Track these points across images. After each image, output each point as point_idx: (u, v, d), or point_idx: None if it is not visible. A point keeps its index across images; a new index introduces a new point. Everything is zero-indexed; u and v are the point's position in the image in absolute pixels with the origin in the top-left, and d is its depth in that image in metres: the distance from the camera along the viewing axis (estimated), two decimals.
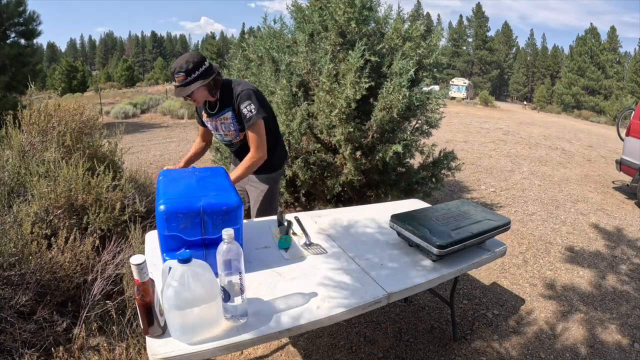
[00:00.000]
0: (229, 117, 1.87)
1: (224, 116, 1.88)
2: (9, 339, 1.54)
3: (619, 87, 34.10)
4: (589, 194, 5.10)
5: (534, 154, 7.60)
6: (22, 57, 8.11)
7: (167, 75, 52.49)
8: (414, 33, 3.15)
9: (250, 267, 1.42)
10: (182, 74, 1.67)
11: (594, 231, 3.80)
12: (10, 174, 2.27)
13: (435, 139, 4.29)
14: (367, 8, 3.05)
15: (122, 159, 2.89)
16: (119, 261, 1.93)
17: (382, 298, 1.32)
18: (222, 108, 1.87)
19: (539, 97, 39.80)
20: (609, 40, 38.64)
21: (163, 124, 10.94)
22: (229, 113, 1.86)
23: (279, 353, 1.95)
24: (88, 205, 2.11)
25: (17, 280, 1.66)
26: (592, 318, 2.37)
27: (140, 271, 0.97)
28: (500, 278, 2.81)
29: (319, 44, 3.08)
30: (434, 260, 1.56)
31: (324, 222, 1.89)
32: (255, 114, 1.80)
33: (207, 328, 1.06)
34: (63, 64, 27.34)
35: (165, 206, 1.24)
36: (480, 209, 1.87)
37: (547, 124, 14.69)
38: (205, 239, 1.32)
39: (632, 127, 4.87)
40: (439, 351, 2.00)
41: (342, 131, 2.85)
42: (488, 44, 50.73)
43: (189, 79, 1.68)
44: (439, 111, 3.36)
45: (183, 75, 1.67)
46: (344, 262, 1.52)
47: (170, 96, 16.17)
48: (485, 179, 5.47)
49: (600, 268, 3.04)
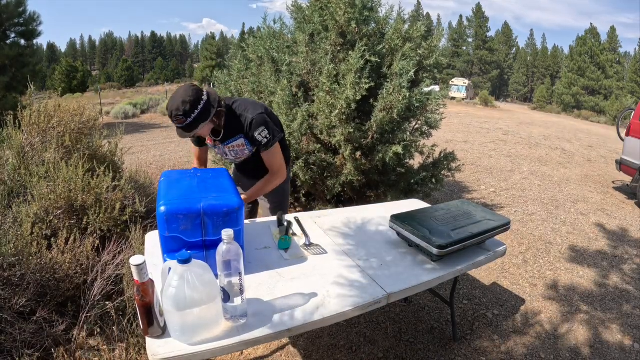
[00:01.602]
0: (241, 144, 1.79)
1: (235, 143, 1.79)
2: (9, 339, 1.54)
3: (619, 87, 34.09)
4: (589, 194, 5.10)
5: (534, 154, 7.61)
6: (22, 58, 8.12)
7: (166, 75, 52.57)
8: (414, 34, 3.15)
9: (250, 267, 1.42)
10: (181, 117, 1.56)
11: (594, 231, 3.80)
12: (10, 174, 2.27)
13: (435, 139, 4.29)
14: (367, 8, 3.06)
15: (122, 159, 2.89)
16: (119, 262, 1.93)
17: (382, 298, 1.32)
18: (232, 135, 1.77)
19: (539, 97, 39.76)
20: (609, 40, 38.66)
21: (163, 124, 10.95)
22: (241, 140, 1.78)
23: (279, 353, 1.95)
24: (88, 206, 2.11)
25: (17, 281, 1.66)
26: (592, 318, 2.37)
27: (140, 272, 0.97)
28: (500, 278, 2.81)
29: (319, 45, 3.08)
30: (434, 260, 1.56)
31: (324, 222, 1.89)
32: (272, 139, 1.74)
33: (207, 328, 1.06)
34: (63, 64, 27.38)
35: (166, 207, 1.24)
36: (480, 209, 1.87)
37: (547, 124, 14.69)
38: (206, 241, 1.32)
39: (632, 127, 4.87)
40: (439, 351, 2.00)
41: (342, 132, 2.85)
42: (488, 44, 50.71)
43: (189, 120, 1.57)
44: (439, 112, 3.36)
45: (182, 117, 1.56)
46: (343, 263, 1.52)
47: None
48: (485, 179, 5.47)
49: (600, 268, 3.04)
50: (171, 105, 1.58)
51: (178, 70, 60.79)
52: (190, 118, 1.57)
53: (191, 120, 1.57)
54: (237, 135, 1.77)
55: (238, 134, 1.76)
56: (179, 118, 1.56)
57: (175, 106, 1.56)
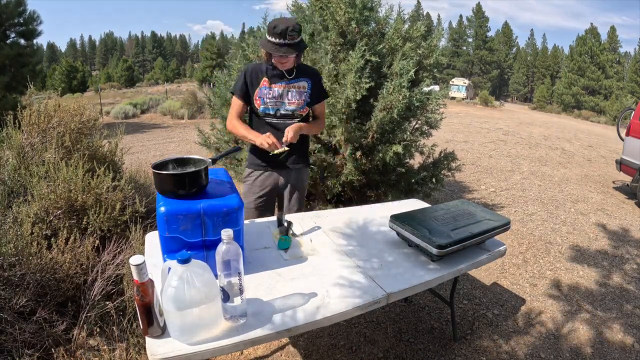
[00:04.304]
0: (305, 86, 1.95)
1: (299, 84, 1.94)
2: (9, 339, 1.54)
3: (619, 87, 34.11)
4: (589, 194, 5.10)
5: (534, 154, 7.60)
6: (22, 58, 8.12)
7: (167, 75, 52.50)
8: (414, 33, 3.15)
9: (250, 267, 1.42)
10: (296, 34, 1.74)
11: (594, 231, 3.80)
12: (10, 174, 2.27)
13: (435, 139, 4.29)
14: (367, 8, 3.05)
15: (122, 159, 2.89)
16: (119, 262, 1.93)
17: (381, 298, 1.32)
18: (300, 76, 1.95)
19: (539, 97, 39.77)
20: (609, 40, 38.67)
21: (163, 124, 10.95)
22: (306, 82, 1.96)
23: (279, 353, 1.95)
24: (88, 206, 2.11)
25: (17, 281, 1.66)
26: (592, 318, 2.37)
27: (140, 272, 0.97)
28: (500, 278, 2.81)
29: (319, 44, 3.08)
30: (434, 260, 1.56)
31: (324, 222, 1.89)
32: (327, 92, 2.06)
33: (207, 328, 1.06)
34: (63, 64, 27.36)
35: (166, 208, 1.25)
36: (480, 209, 1.87)
37: (547, 124, 14.69)
38: (206, 241, 1.32)
39: (632, 127, 4.87)
40: (439, 351, 2.00)
41: (343, 131, 2.85)
42: (488, 44, 50.73)
43: (297, 39, 1.76)
44: (439, 112, 3.36)
45: (296, 35, 1.74)
46: (343, 263, 1.52)
47: (170, 96, 16.16)
48: (485, 179, 5.47)
49: (600, 268, 3.04)
50: (284, 24, 1.73)
51: (178, 70, 60.75)
52: (299, 37, 1.78)
53: (300, 40, 1.78)
54: (304, 77, 1.96)
55: (305, 76, 1.96)
56: (293, 35, 1.73)
57: (290, 24, 1.73)
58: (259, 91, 1.93)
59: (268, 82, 1.92)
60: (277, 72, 1.91)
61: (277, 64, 1.86)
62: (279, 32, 1.72)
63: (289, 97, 1.94)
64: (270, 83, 1.92)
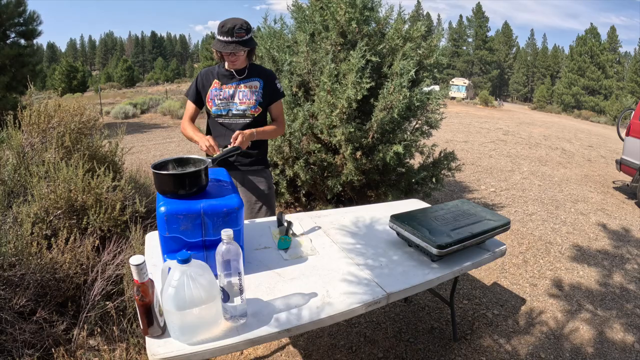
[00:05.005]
0: (257, 85, 1.94)
1: (251, 84, 1.94)
2: (9, 339, 1.54)
3: (619, 87, 34.08)
4: (589, 194, 5.10)
5: (534, 154, 7.60)
6: (22, 58, 8.11)
7: (167, 75, 52.52)
8: (414, 33, 3.15)
9: (250, 267, 1.42)
10: (243, 31, 1.76)
11: (594, 231, 3.80)
12: (10, 174, 2.27)
13: (435, 139, 4.29)
14: (368, 8, 3.06)
15: (122, 159, 2.89)
16: (119, 262, 1.93)
17: (381, 298, 1.32)
18: (251, 76, 1.95)
19: (539, 97, 39.77)
20: (609, 40, 38.67)
21: (163, 124, 10.95)
22: (258, 82, 1.95)
23: (279, 353, 1.95)
24: (88, 206, 2.11)
25: (17, 281, 1.66)
26: (592, 318, 2.37)
27: (140, 272, 0.97)
28: (500, 278, 2.81)
29: (319, 44, 3.09)
30: (434, 260, 1.56)
31: (324, 222, 1.89)
32: (282, 92, 2.01)
33: (207, 328, 1.06)
34: (63, 64, 27.32)
35: (166, 208, 1.24)
36: (480, 209, 1.87)
37: (547, 124, 14.69)
38: (206, 241, 1.31)
39: (632, 127, 4.87)
40: (439, 351, 2.00)
41: (343, 131, 2.85)
42: (488, 44, 50.72)
43: (246, 37, 1.78)
44: (439, 112, 3.36)
45: (244, 32, 1.77)
46: (343, 262, 1.52)
47: (170, 96, 16.17)
48: (485, 179, 5.47)
49: (600, 268, 3.04)
50: (231, 22, 1.75)
51: (178, 70, 60.76)
52: (248, 36, 1.80)
53: (248, 38, 1.80)
54: (256, 77, 1.95)
55: (257, 76, 1.95)
56: (241, 32, 1.76)
57: (238, 23, 1.76)
58: (210, 93, 1.93)
59: (219, 84, 1.92)
60: (227, 73, 1.92)
61: (229, 63, 1.86)
62: (226, 30, 1.75)
63: (239, 97, 1.92)
64: (221, 84, 1.92)
